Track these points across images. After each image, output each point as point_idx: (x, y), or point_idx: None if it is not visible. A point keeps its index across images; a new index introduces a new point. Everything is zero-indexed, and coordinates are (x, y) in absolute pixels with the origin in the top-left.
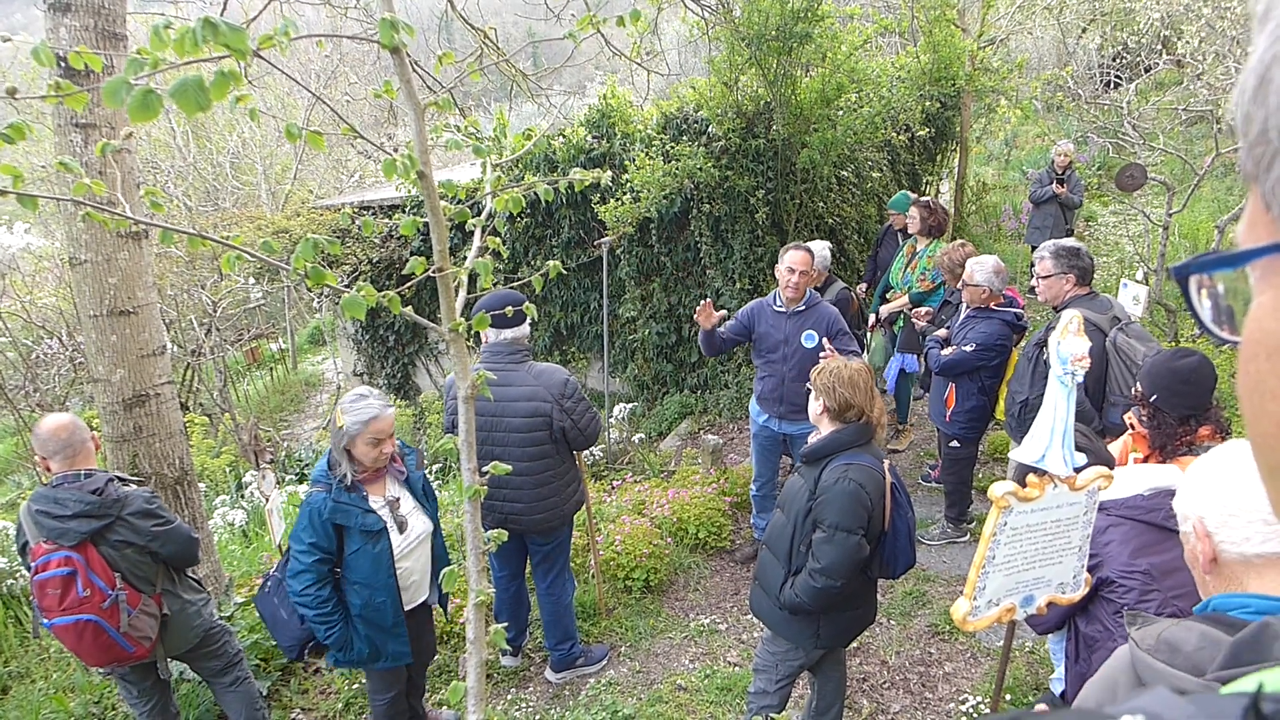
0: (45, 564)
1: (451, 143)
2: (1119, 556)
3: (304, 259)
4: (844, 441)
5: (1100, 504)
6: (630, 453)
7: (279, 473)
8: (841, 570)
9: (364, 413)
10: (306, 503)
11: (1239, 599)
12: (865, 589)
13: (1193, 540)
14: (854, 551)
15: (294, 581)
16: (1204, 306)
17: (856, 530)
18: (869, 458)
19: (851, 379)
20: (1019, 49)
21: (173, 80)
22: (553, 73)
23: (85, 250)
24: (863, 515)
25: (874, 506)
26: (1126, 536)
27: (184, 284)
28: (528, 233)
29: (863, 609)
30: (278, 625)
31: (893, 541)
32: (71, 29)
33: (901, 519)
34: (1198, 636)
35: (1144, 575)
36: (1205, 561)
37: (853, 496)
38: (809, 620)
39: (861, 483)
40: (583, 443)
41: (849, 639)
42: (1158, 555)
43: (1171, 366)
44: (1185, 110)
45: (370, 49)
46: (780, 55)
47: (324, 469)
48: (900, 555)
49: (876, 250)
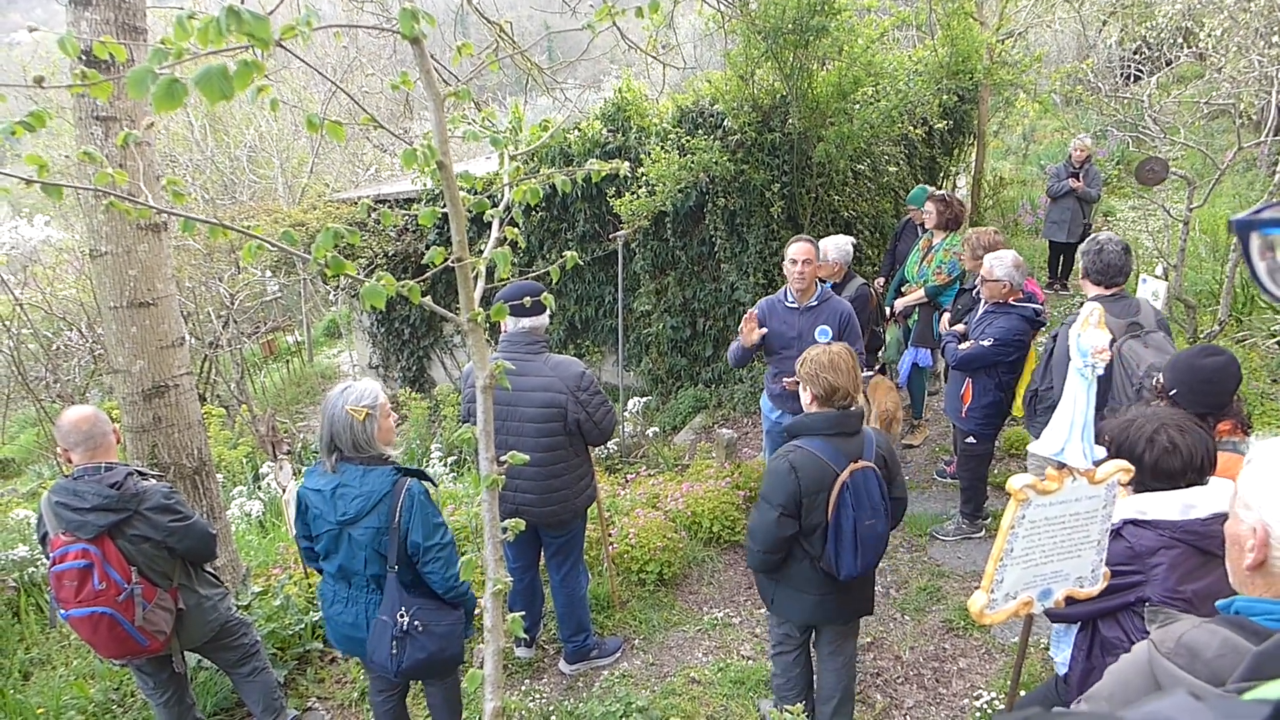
0: (63, 555)
1: (469, 134)
2: (1166, 581)
3: (324, 249)
4: (808, 425)
5: (1152, 521)
6: (644, 446)
7: (295, 464)
8: (757, 536)
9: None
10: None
11: (1264, 604)
12: (814, 577)
13: (1245, 535)
14: (771, 523)
15: (456, 570)
16: (1261, 265)
17: (776, 505)
18: (827, 447)
19: (832, 362)
20: (1038, 42)
21: (195, 70)
22: (568, 66)
23: (105, 242)
24: (783, 493)
25: (804, 492)
26: (1175, 561)
27: (202, 276)
28: (543, 226)
29: (815, 597)
30: (453, 639)
31: (835, 539)
32: (92, 22)
33: (847, 519)
34: (1220, 642)
35: (1186, 603)
36: (1254, 562)
37: (779, 474)
38: (767, 584)
39: (795, 465)
40: (598, 436)
41: (805, 622)
42: (1201, 580)
43: (1196, 364)
44: (1207, 104)
45: (386, 44)
46: (796, 48)
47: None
48: (843, 556)
49: (894, 244)
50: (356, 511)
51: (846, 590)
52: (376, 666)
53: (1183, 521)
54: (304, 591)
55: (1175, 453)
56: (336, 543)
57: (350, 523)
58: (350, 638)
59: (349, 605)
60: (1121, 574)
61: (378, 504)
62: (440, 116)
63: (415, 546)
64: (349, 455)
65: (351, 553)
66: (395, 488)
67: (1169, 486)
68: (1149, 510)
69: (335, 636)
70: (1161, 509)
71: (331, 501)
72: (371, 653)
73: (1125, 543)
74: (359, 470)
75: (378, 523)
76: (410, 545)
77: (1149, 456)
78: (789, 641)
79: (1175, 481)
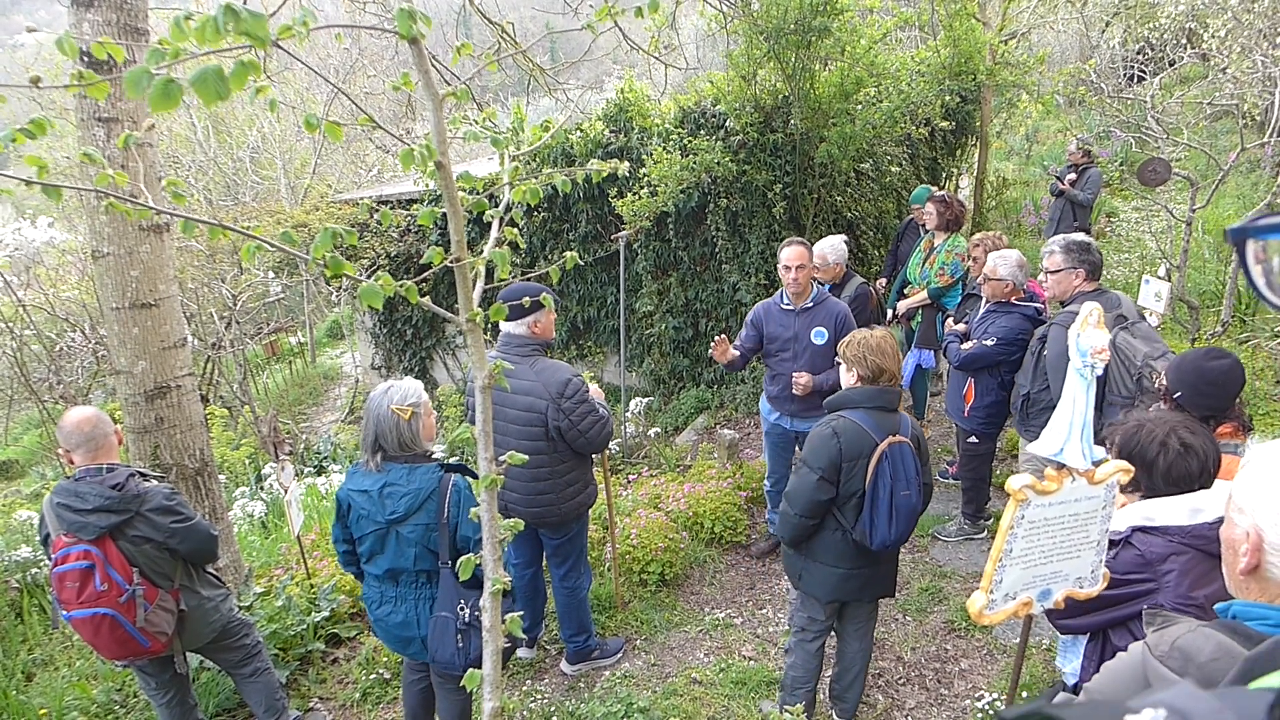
0: (65, 556)
1: (470, 134)
2: (1178, 588)
3: (322, 248)
4: (850, 399)
5: (1161, 527)
6: (646, 447)
7: (298, 465)
8: (797, 500)
9: None
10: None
11: (1260, 609)
12: (845, 550)
13: (1239, 539)
14: (811, 487)
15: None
16: (1257, 270)
17: (817, 469)
18: (868, 419)
19: (879, 346)
20: (1041, 43)
21: (193, 70)
22: (570, 67)
23: (108, 244)
24: (825, 459)
25: (844, 458)
26: (1186, 567)
27: (204, 278)
28: (545, 227)
29: (844, 571)
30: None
31: (870, 507)
32: (94, 24)
33: (884, 488)
34: (1214, 647)
35: (1199, 609)
36: (1247, 567)
37: (823, 439)
38: (796, 559)
39: (838, 431)
40: (584, 445)
41: (831, 597)
42: (1212, 585)
43: (1201, 366)
44: (1210, 105)
45: (388, 46)
46: (799, 49)
47: None
48: (877, 526)
49: (897, 244)
50: (406, 509)
51: (874, 565)
52: (441, 665)
53: (1191, 526)
54: (306, 592)
55: (1190, 455)
56: (383, 543)
57: (399, 521)
58: (401, 637)
59: (398, 605)
60: (1132, 582)
61: (425, 501)
62: (439, 117)
63: (465, 540)
64: (394, 454)
65: (400, 551)
66: (441, 484)
67: (1182, 491)
68: (1157, 516)
69: (386, 638)
70: (1169, 514)
71: (379, 501)
72: (434, 650)
73: (1135, 551)
74: (404, 469)
75: (427, 519)
76: (460, 539)
77: (1163, 461)
78: (813, 626)
79: (1190, 485)
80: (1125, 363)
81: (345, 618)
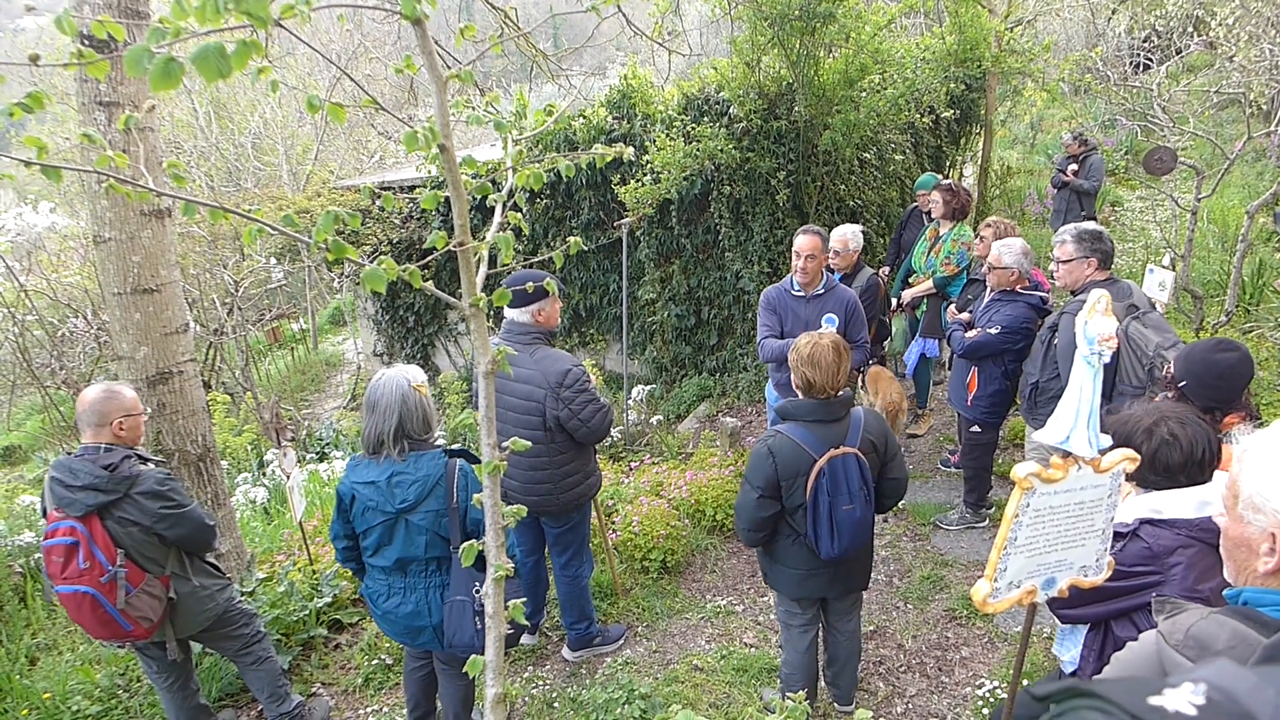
0: (54, 531)
1: (473, 118)
2: (1184, 581)
3: (324, 232)
4: (791, 411)
5: (1169, 520)
6: (648, 434)
7: (300, 451)
8: (742, 516)
9: None
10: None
11: (1274, 595)
12: (800, 554)
13: (1256, 538)
14: (753, 505)
15: (513, 540)
16: None
17: (756, 488)
18: (807, 434)
19: (812, 357)
20: (1047, 30)
21: (194, 50)
22: (573, 52)
23: (109, 229)
24: (762, 477)
25: (781, 477)
26: (1193, 560)
27: (206, 263)
28: (548, 214)
29: (801, 573)
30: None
31: (812, 520)
32: (95, 5)
33: (823, 504)
34: (1229, 634)
35: (1204, 602)
36: (1275, 567)
37: (760, 457)
38: (762, 558)
39: (773, 450)
40: (585, 435)
41: (797, 594)
42: (1215, 579)
43: (1209, 358)
44: (1217, 93)
45: (391, 31)
46: (803, 35)
47: None
48: (820, 539)
49: (900, 233)
50: (416, 496)
51: (834, 568)
52: (460, 648)
53: (1198, 519)
54: (308, 578)
55: (1174, 446)
56: (391, 533)
57: (410, 509)
58: (411, 628)
59: (407, 595)
60: (1139, 574)
61: (434, 487)
62: (442, 99)
63: (475, 524)
64: (420, 437)
65: (410, 539)
66: (448, 469)
67: (1168, 480)
68: (1165, 509)
69: (394, 630)
70: (1177, 507)
71: (388, 490)
72: (452, 635)
73: (1143, 543)
74: (411, 455)
75: (437, 505)
76: (470, 523)
77: (1146, 449)
78: (795, 619)
79: (1174, 475)
80: (1137, 352)
81: (347, 603)
